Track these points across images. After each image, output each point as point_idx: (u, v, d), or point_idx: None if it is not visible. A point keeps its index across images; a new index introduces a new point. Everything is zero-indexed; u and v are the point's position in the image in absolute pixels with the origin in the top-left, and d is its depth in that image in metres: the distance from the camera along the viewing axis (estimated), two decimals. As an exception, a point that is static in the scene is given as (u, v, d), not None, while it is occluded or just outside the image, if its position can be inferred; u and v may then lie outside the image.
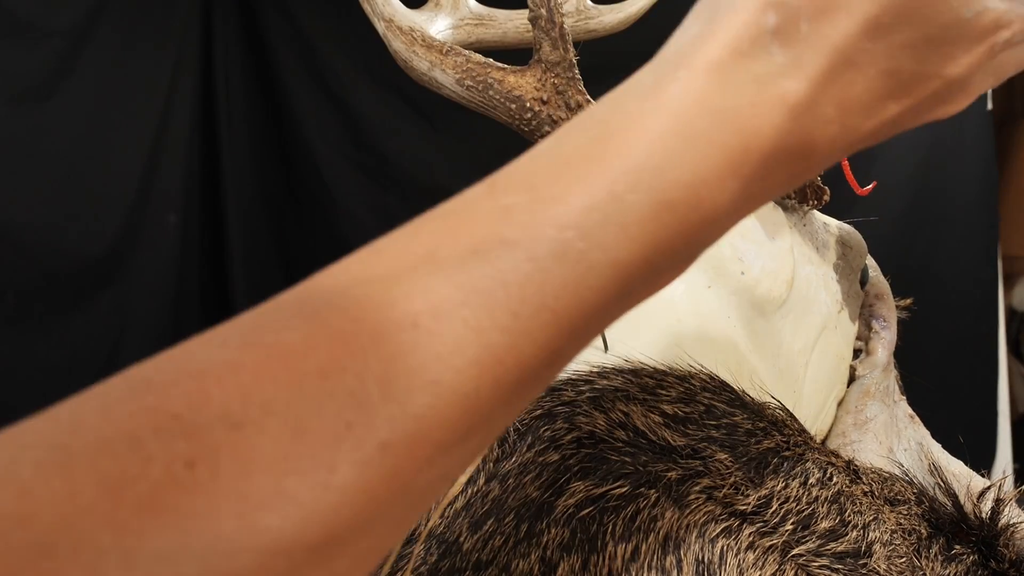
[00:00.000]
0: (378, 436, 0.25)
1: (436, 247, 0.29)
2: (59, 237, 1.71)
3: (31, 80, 1.67)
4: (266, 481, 0.23)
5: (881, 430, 0.67)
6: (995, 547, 0.56)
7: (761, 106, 0.32)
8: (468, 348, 0.27)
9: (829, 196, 0.68)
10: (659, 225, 0.31)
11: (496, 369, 0.28)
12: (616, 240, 0.30)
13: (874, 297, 0.73)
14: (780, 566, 0.50)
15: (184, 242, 1.96)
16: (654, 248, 0.31)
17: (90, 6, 1.76)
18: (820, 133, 0.33)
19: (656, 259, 0.31)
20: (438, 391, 0.26)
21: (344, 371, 0.25)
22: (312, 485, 0.24)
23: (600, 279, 0.30)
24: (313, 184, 2.13)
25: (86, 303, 1.77)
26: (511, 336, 0.28)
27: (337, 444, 0.25)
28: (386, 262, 0.29)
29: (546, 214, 0.30)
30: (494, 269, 0.28)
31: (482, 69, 0.78)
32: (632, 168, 0.31)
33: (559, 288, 0.29)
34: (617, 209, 0.30)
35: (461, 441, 0.27)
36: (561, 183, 0.31)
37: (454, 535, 0.52)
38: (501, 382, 0.28)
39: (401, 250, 0.30)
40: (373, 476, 0.25)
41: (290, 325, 0.27)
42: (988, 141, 2.20)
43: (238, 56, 2.08)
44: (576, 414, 0.55)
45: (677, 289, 0.60)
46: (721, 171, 0.31)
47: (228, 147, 2.04)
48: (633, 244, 0.30)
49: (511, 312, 0.28)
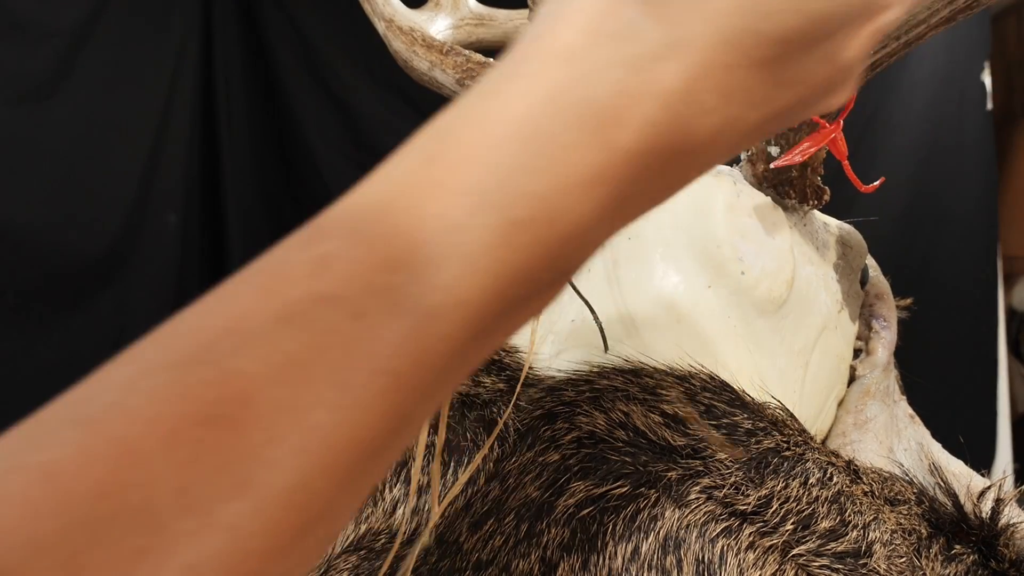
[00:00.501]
0: (180, 559, 0.21)
1: (241, 316, 0.24)
2: (59, 237, 1.71)
3: (31, 80, 1.67)
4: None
5: (881, 430, 0.67)
6: (995, 547, 0.56)
7: (627, 96, 0.27)
8: (287, 435, 0.23)
9: (829, 196, 0.68)
10: (511, 250, 0.26)
11: (326, 454, 0.23)
12: (460, 277, 0.25)
13: (874, 297, 0.73)
14: (780, 566, 0.50)
15: (184, 242, 1.96)
16: (509, 278, 0.26)
17: (90, 6, 1.76)
18: (700, 125, 0.28)
19: (513, 290, 0.26)
20: (253, 493, 0.22)
21: (127, 487, 0.21)
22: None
23: (447, 326, 0.25)
24: (313, 184, 2.13)
25: (86, 303, 1.77)
26: (341, 412, 0.24)
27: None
28: (183, 343, 0.25)
29: (370, 259, 0.25)
30: (310, 335, 0.24)
31: (482, 69, 0.78)
32: (470, 188, 0.26)
33: (396, 345, 0.24)
34: (457, 240, 0.25)
35: (295, 542, 0.23)
36: (387, 219, 0.26)
37: (454, 535, 0.52)
38: (335, 467, 0.24)
39: (201, 324, 0.25)
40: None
41: (61, 438, 0.22)
42: (988, 141, 2.20)
43: (238, 56, 2.08)
44: (576, 414, 0.55)
45: (677, 289, 0.60)
46: (581, 178, 0.27)
47: (228, 147, 2.04)
48: (482, 278, 0.26)
49: (337, 384, 0.24)
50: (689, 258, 0.61)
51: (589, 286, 0.61)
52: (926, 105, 2.16)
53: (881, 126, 2.13)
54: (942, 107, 2.17)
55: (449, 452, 0.58)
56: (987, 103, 2.18)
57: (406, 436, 0.26)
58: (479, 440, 0.57)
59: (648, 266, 0.61)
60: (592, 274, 0.62)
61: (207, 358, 0.24)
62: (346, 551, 0.56)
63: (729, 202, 0.62)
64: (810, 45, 0.29)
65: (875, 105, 2.11)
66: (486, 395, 0.59)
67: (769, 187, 0.65)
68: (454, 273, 0.25)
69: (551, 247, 0.27)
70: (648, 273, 0.61)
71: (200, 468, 0.22)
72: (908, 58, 1.98)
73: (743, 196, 0.63)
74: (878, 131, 2.12)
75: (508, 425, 0.57)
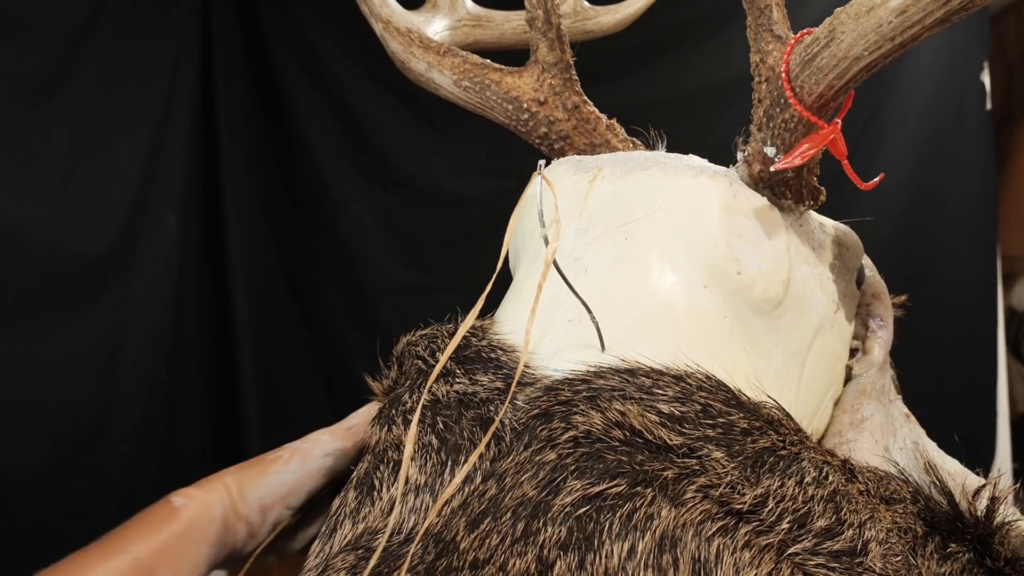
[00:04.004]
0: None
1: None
2: (59, 237, 1.72)
3: (31, 80, 1.68)
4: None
5: (877, 429, 0.67)
6: (990, 545, 0.57)
7: None
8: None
9: (825, 196, 0.68)
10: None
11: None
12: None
13: (871, 296, 0.74)
14: (776, 565, 0.50)
15: (184, 242, 1.96)
16: None
17: (90, 6, 1.76)
18: None
19: None
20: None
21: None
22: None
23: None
24: (313, 184, 2.13)
25: (86, 303, 1.77)
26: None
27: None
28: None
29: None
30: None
31: (479, 70, 0.78)
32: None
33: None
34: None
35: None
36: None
37: (451, 534, 0.52)
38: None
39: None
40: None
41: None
42: (988, 141, 2.20)
43: (238, 56, 2.08)
44: (573, 413, 0.55)
45: (673, 289, 0.61)
46: None
47: (228, 147, 2.04)
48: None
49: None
50: (685, 258, 0.61)
51: (586, 286, 0.61)
52: (925, 105, 2.16)
53: (880, 126, 2.13)
54: (942, 107, 2.17)
55: (447, 451, 0.58)
56: (987, 103, 2.18)
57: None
58: (476, 439, 0.57)
59: (645, 266, 0.61)
60: (589, 274, 0.62)
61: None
62: (344, 550, 0.56)
63: (726, 202, 0.62)
64: None
65: (874, 105, 2.11)
66: (483, 394, 0.59)
67: (765, 188, 0.66)
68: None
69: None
70: (645, 273, 0.61)
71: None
72: (907, 58, 1.99)
73: (739, 197, 0.63)
74: (877, 131, 2.12)
75: (505, 424, 0.57)
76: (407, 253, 2.17)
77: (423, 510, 0.56)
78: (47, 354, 1.69)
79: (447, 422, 0.59)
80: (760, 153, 0.64)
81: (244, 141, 2.10)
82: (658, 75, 2.06)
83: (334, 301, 2.17)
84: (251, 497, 0.68)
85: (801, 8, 0.89)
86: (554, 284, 0.61)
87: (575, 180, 0.67)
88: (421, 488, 0.56)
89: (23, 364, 1.65)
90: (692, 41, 2.07)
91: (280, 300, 2.18)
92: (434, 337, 0.66)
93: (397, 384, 0.66)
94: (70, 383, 1.72)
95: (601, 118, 0.77)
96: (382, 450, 0.60)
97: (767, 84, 0.63)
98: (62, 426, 1.67)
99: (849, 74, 0.57)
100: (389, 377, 0.68)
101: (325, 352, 2.19)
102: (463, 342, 0.63)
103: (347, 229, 2.15)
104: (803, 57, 0.59)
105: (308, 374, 2.20)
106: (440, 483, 0.56)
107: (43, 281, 1.69)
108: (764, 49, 0.63)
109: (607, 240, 0.63)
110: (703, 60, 2.07)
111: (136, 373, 1.84)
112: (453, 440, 0.58)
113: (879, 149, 2.12)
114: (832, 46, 0.57)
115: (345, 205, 2.14)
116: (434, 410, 0.60)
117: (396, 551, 0.54)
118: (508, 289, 0.69)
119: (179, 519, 0.63)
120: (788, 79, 0.60)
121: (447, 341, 0.64)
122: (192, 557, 0.63)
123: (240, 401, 2.05)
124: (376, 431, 0.62)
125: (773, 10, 0.62)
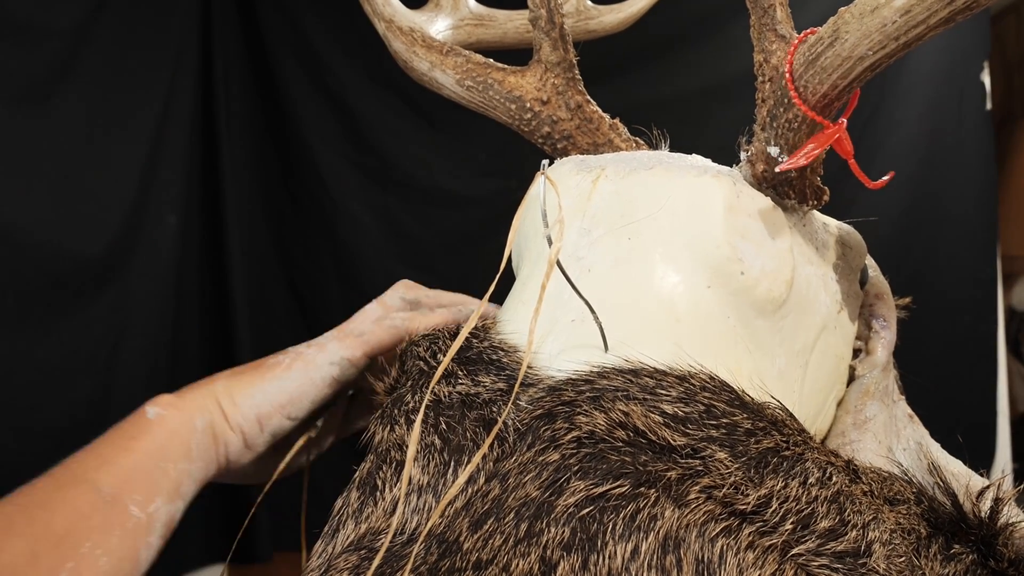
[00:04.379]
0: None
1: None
2: (59, 237, 1.72)
3: (31, 80, 1.67)
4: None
5: (880, 430, 0.67)
6: (994, 546, 0.56)
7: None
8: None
9: (829, 196, 0.68)
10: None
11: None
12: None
13: (874, 297, 0.74)
14: (780, 565, 0.50)
15: (184, 242, 1.96)
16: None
17: (90, 6, 1.76)
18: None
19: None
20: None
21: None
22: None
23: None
24: (313, 184, 2.13)
25: (86, 303, 1.77)
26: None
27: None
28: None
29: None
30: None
31: (482, 70, 0.78)
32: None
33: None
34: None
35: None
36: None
37: (454, 534, 0.52)
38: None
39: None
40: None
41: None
42: (988, 141, 2.21)
43: (238, 56, 2.08)
44: (576, 413, 0.55)
45: (676, 289, 0.60)
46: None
47: (228, 147, 2.04)
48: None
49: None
50: (688, 258, 0.61)
51: (589, 286, 0.61)
52: (926, 105, 2.17)
53: (881, 126, 2.13)
54: (942, 107, 2.17)
55: (449, 451, 0.58)
56: (987, 103, 2.18)
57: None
58: (479, 439, 0.57)
59: (648, 266, 0.61)
60: (592, 274, 0.62)
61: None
62: (346, 551, 0.56)
63: (729, 202, 0.62)
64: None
65: (875, 105, 2.12)
66: (486, 395, 0.59)
67: (769, 187, 0.65)
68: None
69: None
70: (648, 273, 0.61)
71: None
72: (908, 58, 1.98)
73: (743, 196, 0.63)
74: (878, 131, 2.12)
75: (508, 424, 0.57)
76: (407, 253, 2.17)
77: (426, 510, 0.55)
78: (47, 354, 1.69)
79: (450, 423, 0.59)
80: (764, 153, 0.64)
81: (244, 141, 2.10)
82: (661, 74, 2.06)
83: (334, 301, 2.17)
84: (244, 405, 0.62)
85: (804, 7, 0.89)
86: (557, 284, 0.61)
87: (578, 180, 0.66)
88: (424, 488, 0.56)
89: (23, 364, 1.65)
90: (695, 40, 2.07)
91: (280, 300, 2.18)
92: (435, 339, 0.66)
93: (398, 383, 0.66)
94: (70, 383, 1.72)
95: (604, 117, 0.77)
96: (385, 450, 0.60)
97: (771, 84, 0.63)
98: (62, 426, 1.67)
99: (853, 74, 0.57)
100: (390, 376, 0.68)
101: (325, 352, 2.18)
102: (465, 343, 0.63)
103: (347, 229, 2.15)
104: (807, 57, 0.59)
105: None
106: (443, 484, 0.56)
107: (43, 281, 1.69)
108: (768, 49, 0.63)
109: (610, 240, 0.62)
110: (706, 59, 2.07)
111: (136, 373, 1.84)
112: (456, 440, 0.58)
113: (879, 149, 2.12)
114: (836, 46, 0.57)
115: (345, 205, 2.14)
116: (437, 411, 0.60)
117: (399, 551, 0.54)
118: (511, 290, 0.69)
119: (152, 434, 0.57)
120: (792, 79, 0.60)
121: (449, 342, 0.64)
122: (171, 476, 0.57)
123: (240, 401, 2.05)
124: (379, 431, 0.62)
125: (777, 9, 0.62)
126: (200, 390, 0.62)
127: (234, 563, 2.05)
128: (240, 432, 0.62)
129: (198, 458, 0.59)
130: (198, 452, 0.59)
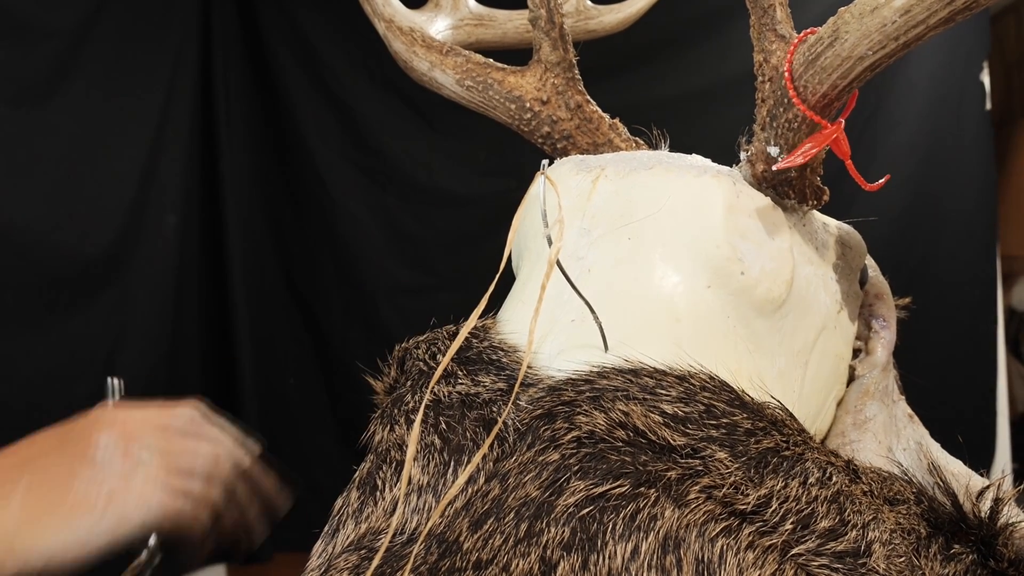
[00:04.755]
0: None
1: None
2: (59, 237, 1.72)
3: (31, 80, 1.68)
4: None
5: (880, 430, 0.67)
6: (994, 546, 0.56)
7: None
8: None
9: (828, 196, 0.68)
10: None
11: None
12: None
13: (874, 297, 0.74)
14: (780, 565, 0.50)
15: (183, 243, 1.96)
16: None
17: (90, 6, 1.76)
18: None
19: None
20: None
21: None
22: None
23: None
24: (313, 184, 2.13)
25: (86, 303, 1.77)
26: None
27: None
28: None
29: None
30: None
31: (482, 69, 0.78)
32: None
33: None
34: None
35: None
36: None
37: (454, 534, 0.52)
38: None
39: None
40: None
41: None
42: (987, 141, 2.21)
43: (238, 56, 2.08)
44: (576, 414, 0.55)
45: (676, 289, 0.60)
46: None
47: (227, 148, 2.04)
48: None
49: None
50: (688, 258, 0.61)
51: (589, 286, 0.61)
52: (925, 105, 2.17)
53: (880, 126, 2.13)
54: (942, 107, 2.17)
55: (449, 451, 0.58)
56: (986, 103, 2.18)
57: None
58: (479, 439, 0.57)
59: (648, 266, 0.61)
60: (592, 274, 0.62)
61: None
62: (346, 550, 0.56)
63: (729, 202, 0.62)
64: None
65: (874, 105, 2.12)
66: (486, 395, 0.59)
67: (769, 187, 0.65)
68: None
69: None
70: (648, 273, 0.61)
71: None
72: (907, 58, 1.98)
73: (743, 196, 0.63)
74: (877, 131, 2.12)
75: (508, 424, 0.57)
76: (407, 253, 2.17)
77: (426, 510, 0.55)
78: (47, 354, 1.69)
79: (450, 422, 0.59)
80: (763, 153, 0.64)
81: (244, 141, 2.10)
82: (661, 74, 2.06)
83: (334, 301, 2.17)
84: (29, 557, 0.56)
85: (804, 7, 0.89)
86: (557, 284, 0.61)
87: (578, 180, 0.66)
88: (424, 488, 0.56)
89: (23, 364, 1.65)
90: (694, 40, 2.07)
91: (280, 300, 2.18)
92: (435, 339, 0.66)
93: (397, 383, 0.66)
94: (70, 383, 1.72)
95: (604, 117, 0.77)
96: (384, 450, 0.60)
97: (770, 83, 0.63)
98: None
99: (853, 74, 0.57)
100: (389, 376, 0.68)
101: (325, 352, 2.18)
102: (464, 343, 0.63)
103: (347, 229, 2.15)
104: (807, 57, 0.59)
105: (308, 374, 2.19)
106: (443, 483, 0.56)
107: (43, 281, 1.69)
108: (767, 48, 0.63)
109: (610, 240, 0.62)
110: (705, 59, 2.07)
111: (135, 373, 1.84)
112: (456, 440, 0.58)
113: (879, 148, 2.12)
114: (836, 46, 0.57)
115: (345, 205, 2.14)
116: (436, 411, 0.60)
117: (399, 551, 0.54)
118: (510, 289, 0.69)
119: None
120: (792, 79, 0.60)
121: (448, 343, 0.64)
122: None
123: (240, 401, 2.05)
124: (379, 431, 0.62)
125: (777, 9, 0.62)
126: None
127: (234, 563, 2.05)
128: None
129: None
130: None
